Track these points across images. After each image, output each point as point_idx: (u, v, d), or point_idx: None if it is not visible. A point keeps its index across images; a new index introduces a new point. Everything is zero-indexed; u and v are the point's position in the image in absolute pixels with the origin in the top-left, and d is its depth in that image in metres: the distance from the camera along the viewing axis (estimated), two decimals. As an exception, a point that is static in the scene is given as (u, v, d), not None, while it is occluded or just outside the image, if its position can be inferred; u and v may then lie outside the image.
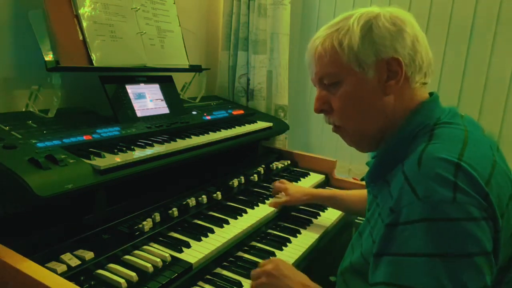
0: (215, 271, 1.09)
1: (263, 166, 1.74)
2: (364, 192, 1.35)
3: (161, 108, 1.57)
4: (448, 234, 0.67)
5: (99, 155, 1.08)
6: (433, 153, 0.73)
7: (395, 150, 0.83)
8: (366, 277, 0.83)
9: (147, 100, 1.53)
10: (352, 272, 0.93)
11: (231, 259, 1.16)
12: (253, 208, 1.39)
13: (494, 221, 0.69)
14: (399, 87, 0.83)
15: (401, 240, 0.70)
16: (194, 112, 1.69)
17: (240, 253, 1.19)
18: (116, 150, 1.15)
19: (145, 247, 1.08)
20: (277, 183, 1.52)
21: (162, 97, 1.59)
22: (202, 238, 1.15)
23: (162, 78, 1.65)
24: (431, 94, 0.90)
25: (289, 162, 1.90)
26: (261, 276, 1.00)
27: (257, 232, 1.31)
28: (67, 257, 0.93)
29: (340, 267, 0.98)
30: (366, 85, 0.84)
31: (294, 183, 1.68)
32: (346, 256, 1.00)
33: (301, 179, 1.75)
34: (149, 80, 1.58)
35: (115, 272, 0.94)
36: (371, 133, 0.88)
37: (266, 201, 1.46)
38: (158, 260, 1.00)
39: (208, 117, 1.67)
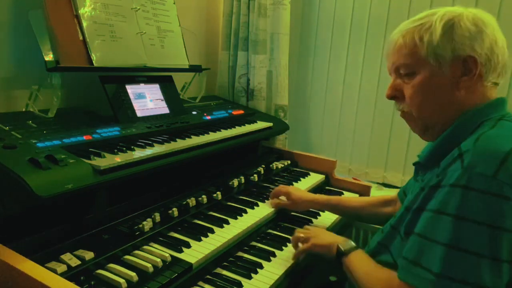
0: (215, 271, 1.09)
1: (263, 166, 1.74)
2: (368, 198, 1.37)
3: (161, 108, 1.57)
4: (477, 203, 0.73)
5: (99, 155, 1.08)
6: (492, 135, 0.80)
7: (456, 137, 0.88)
8: (391, 247, 0.95)
9: (147, 100, 1.53)
10: (378, 246, 1.01)
11: (231, 259, 1.16)
12: (253, 208, 1.39)
13: None
14: (471, 83, 0.89)
15: (438, 199, 0.79)
16: (194, 112, 1.69)
17: (240, 253, 1.19)
18: (116, 150, 1.15)
19: (145, 247, 1.08)
20: (278, 188, 1.48)
21: (162, 97, 1.59)
22: (202, 238, 1.15)
23: (162, 78, 1.65)
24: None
25: (289, 162, 1.90)
26: (309, 233, 1.17)
27: (257, 232, 1.31)
28: (67, 257, 0.93)
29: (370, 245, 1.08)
30: (440, 78, 0.90)
31: (294, 183, 1.68)
32: (375, 237, 1.08)
33: (301, 179, 1.75)
34: (149, 80, 1.58)
35: (115, 272, 0.94)
36: (436, 122, 0.94)
37: (266, 201, 1.46)
38: (158, 260, 1.00)
39: (208, 117, 1.67)
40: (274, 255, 1.19)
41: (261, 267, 1.12)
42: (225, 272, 1.09)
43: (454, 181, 0.76)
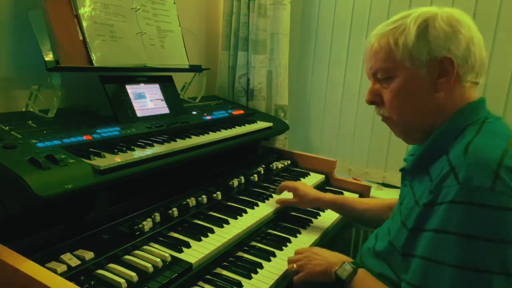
0: (215, 271, 1.09)
1: (263, 166, 1.74)
2: (374, 201, 1.36)
3: (161, 108, 1.57)
4: (480, 218, 0.71)
5: (99, 155, 1.08)
6: (480, 145, 0.77)
7: (441, 142, 0.87)
8: (391, 263, 0.91)
9: (147, 100, 1.53)
10: (373, 254, 0.98)
11: (231, 259, 1.16)
12: (253, 208, 1.39)
13: None
14: (449, 85, 0.87)
15: (438, 218, 0.76)
16: (194, 112, 1.69)
17: (240, 253, 1.19)
18: (116, 150, 1.15)
19: (145, 247, 1.08)
20: (286, 182, 1.49)
21: (162, 97, 1.59)
22: (202, 238, 1.15)
23: (162, 78, 1.65)
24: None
25: (289, 162, 1.90)
26: (300, 259, 1.09)
27: (257, 232, 1.31)
28: (67, 257, 0.93)
29: (361, 250, 1.06)
30: (417, 81, 0.89)
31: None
32: (369, 242, 1.06)
33: (301, 179, 1.75)
34: (149, 80, 1.58)
35: (115, 272, 0.94)
36: (418, 126, 0.93)
37: (266, 201, 1.46)
38: (158, 260, 1.00)
39: (208, 117, 1.67)
40: (274, 255, 1.19)
41: (261, 267, 1.12)
42: (225, 272, 1.09)
43: (452, 198, 0.74)
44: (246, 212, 1.35)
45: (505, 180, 0.72)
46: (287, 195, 1.49)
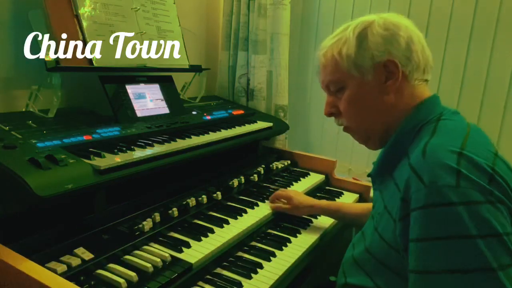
0: (215, 271, 1.09)
1: (263, 166, 1.74)
2: (369, 205, 1.36)
3: (161, 108, 1.57)
4: (447, 218, 0.70)
5: (99, 155, 1.08)
6: (436, 144, 0.77)
7: (400, 144, 0.88)
8: (368, 271, 0.89)
9: (147, 100, 1.53)
10: (353, 264, 0.96)
11: (231, 259, 1.16)
12: (253, 208, 1.39)
13: (504, 203, 0.70)
14: (397, 85, 0.90)
15: (414, 226, 0.74)
16: (194, 112, 1.69)
17: (240, 253, 1.19)
18: (116, 150, 1.15)
19: (145, 247, 1.08)
20: (278, 191, 1.47)
21: (162, 97, 1.59)
22: (202, 238, 1.15)
23: (162, 78, 1.65)
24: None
25: (289, 162, 1.90)
26: None
27: (257, 232, 1.31)
28: (67, 257, 0.93)
29: (342, 260, 1.04)
30: (366, 87, 0.92)
31: (294, 183, 1.68)
32: (348, 251, 1.04)
33: (301, 179, 1.75)
34: (149, 80, 1.58)
35: (115, 272, 0.94)
36: (376, 131, 0.95)
37: (266, 201, 1.46)
38: (158, 260, 1.00)
39: (208, 117, 1.67)
40: (274, 255, 1.19)
41: (261, 267, 1.12)
42: (225, 272, 1.09)
43: (424, 203, 0.72)
44: (246, 212, 1.35)
45: (468, 176, 0.70)
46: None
